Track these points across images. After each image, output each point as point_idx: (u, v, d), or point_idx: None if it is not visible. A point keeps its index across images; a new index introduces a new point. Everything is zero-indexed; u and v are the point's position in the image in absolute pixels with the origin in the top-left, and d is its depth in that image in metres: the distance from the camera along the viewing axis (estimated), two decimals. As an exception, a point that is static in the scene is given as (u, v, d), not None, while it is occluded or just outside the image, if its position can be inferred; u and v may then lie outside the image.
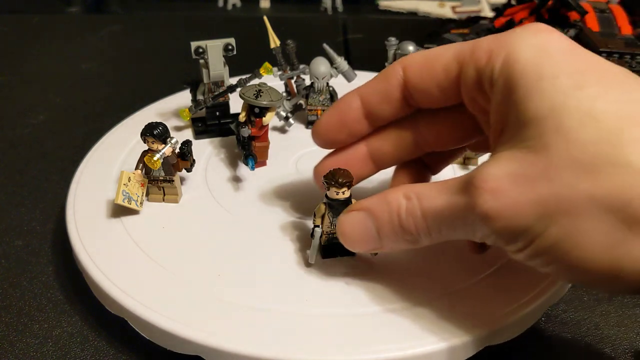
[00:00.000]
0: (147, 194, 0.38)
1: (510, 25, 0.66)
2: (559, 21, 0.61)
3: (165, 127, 0.37)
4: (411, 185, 0.26)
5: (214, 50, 0.43)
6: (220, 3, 0.97)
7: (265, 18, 0.46)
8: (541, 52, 0.23)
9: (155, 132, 0.36)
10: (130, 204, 0.36)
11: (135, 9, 0.97)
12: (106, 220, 0.37)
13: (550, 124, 0.21)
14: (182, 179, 0.40)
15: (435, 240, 0.26)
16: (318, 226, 0.31)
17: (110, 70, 0.72)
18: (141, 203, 0.37)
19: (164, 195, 0.39)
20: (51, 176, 0.48)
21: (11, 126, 0.57)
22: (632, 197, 0.20)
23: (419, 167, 0.34)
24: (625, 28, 0.60)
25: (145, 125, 0.37)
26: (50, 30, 0.85)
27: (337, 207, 0.30)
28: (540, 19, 0.65)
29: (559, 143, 0.21)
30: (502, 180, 0.22)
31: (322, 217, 0.31)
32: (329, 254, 0.33)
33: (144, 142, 0.37)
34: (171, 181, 0.38)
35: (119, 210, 0.37)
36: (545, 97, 0.22)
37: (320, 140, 0.33)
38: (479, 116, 0.28)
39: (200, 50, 0.44)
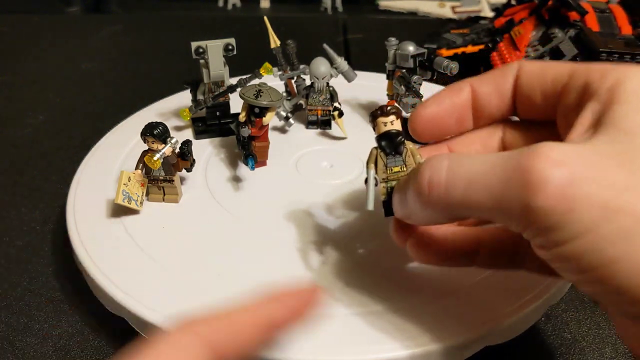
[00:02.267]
0: (147, 194, 0.38)
1: (510, 25, 0.66)
2: (559, 21, 0.61)
3: (165, 127, 0.37)
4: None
5: (214, 50, 0.43)
6: (220, 3, 0.97)
7: (265, 18, 0.46)
8: None
9: (155, 132, 0.36)
10: (130, 203, 0.36)
11: (135, 9, 0.97)
12: (106, 220, 0.37)
13: None
14: (182, 179, 0.40)
15: (449, 210, 0.23)
16: (371, 168, 0.27)
17: (110, 70, 0.72)
18: (141, 203, 0.37)
19: (164, 195, 0.39)
20: (51, 176, 0.48)
21: (11, 126, 0.57)
22: None
23: None
24: (625, 28, 0.60)
25: (145, 125, 0.37)
26: (50, 30, 0.85)
27: (390, 144, 0.27)
28: (540, 19, 0.65)
29: None
30: (574, 159, 0.19)
31: (375, 163, 0.27)
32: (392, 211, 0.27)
33: (144, 142, 0.37)
34: (171, 181, 0.38)
35: (119, 210, 0.37)
36: None
37: (424, 126, 0.29)
38: (562, 127, 0.26)
39: (201, 50, 0.44)
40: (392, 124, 0.27)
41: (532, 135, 0.28)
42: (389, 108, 0.27)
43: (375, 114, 0.27)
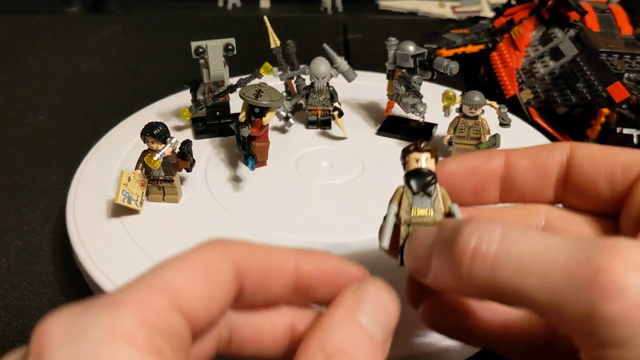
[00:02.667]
0: (147, 194, 0.38)
1: (510, 25, 0.66)
2: (559, 21, 0.61)
3: (165, 127, 0.37)
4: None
5: (214, 50, 0.43)
6: (220, 3, 0.97)
7: (265, 18, 0.46)
8: None
9: (155, 132, 0.36)
10: (130, 203, 0.36)
11: (135, 9, 0.97)
12: (106, 220, 0.37)
13: None
14: (182, 179, 0.40)
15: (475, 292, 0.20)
16: (394, 205, 0.24)
17: (110, 70, 0.72)
18: (141, 203, 0.37)
19: (164, 195, 0.39)
20: (51, 176, 0.48)
21: (11, 126, 0.57)
22: None
23: None
24: (625, 28, 0.60)
25: (145, 125, 0.37)
26: (50, 30, 0.85)
27: (419, 182, 0.23)
28: (540, 18, 0.65)
29: None
30: None
31: (400, 201, 0.24)
32: None
33: (144, 142, 0.37)
34: (171, 181, 0.38)
35: (119, 210, 0.37)
36: None
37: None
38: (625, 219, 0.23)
39: (200, 50, 0.44)
40: (426, 161, 0.24)
41: (587, 228, 0.24)
42: (423, 145, 0.24)
43: (408, 149, 0.24)
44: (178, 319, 0.17)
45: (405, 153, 0.24)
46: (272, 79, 0.46)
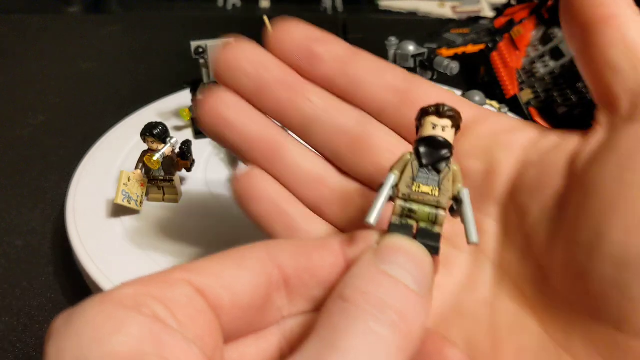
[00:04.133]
0: (147, 194, 0.38)
1: (510, 25, 0.66)
2: (559, 21, 0.61)
3: (165, 127, 0.37)
4: None
5: (214, 50, 0.43)
6: (220, 3, 0.97)
7: (265, 18, 0.46)
8: None
9: (155, 132, 0.36)
10: (130, 203, 0.36)
11: (135, 9, 0.97)
12: (106, 220, 0.37)
13: None
14: (182, 179, 0.40)
15: None
16: (393, 173, 0.20)
17: (110, 70, 0.72)
18: (141, 203, 0.37)
19: (164, 195, 0.38)
20: (51, 176, 0.48)
21: (11, 126, 0.57)
22: None
23: None
24: (626, 28, 0.60)
25: (145, 125, 0.37)
26: (50, 30, 0.85)
27: (430, 153, 0.19)
28: (540, 18, 0.65)
29: None
30: None
31: (403, 170, 0.20)
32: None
33: (144, 142, 0.37)
34: (171, 181, 0.38)
35: (119, 210, 0.37)
36: None
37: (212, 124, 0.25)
38: None
39: (200, 50, 0.44)
40: (444, 130, 0.20)
41: None
42: (447, 109, 0.20)
43: (427, 110, 0.20)
44: (194, 296, 0.15)
45: (423, 114, 0.20)
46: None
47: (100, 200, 0.38)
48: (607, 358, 0.18)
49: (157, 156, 0.36)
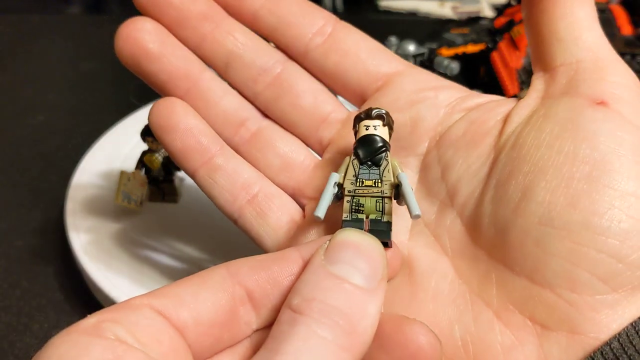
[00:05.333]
0: (147, 194, 0.38)
1: (510, 25, 0.66)
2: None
3: (165, 127, 0.37)
4: None
5: None
6: (220, 3, 0.97)
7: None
8: None
9: (155, 132, 0.36)
10: (130, 204, 0.36)
11: (135, 9, 0.97)
12: (106, 220, 0.37)
13: None
14: (182, 179, 0.40)
15: None
16: (336, 172, 0.22)
17: (110, 70, 0.72)
18: (141, 203, 0.37)
19: (164, 195, 0.38)
20: (51, 176, 0.48)
21: (11, 126, 0.57)
22: None
23: None
24: (625, 28, 0.60)
25: (145, 126, 0.37)
26: (50, 30, 0.85)
27: (367, 150, 0.21)
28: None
29: None
30: None
31: (345, 172, 0.22)
32: None
33: (144, 142, 0.37)
34: (171, 181, 0.38)
35: (119, 210, 0.37)
36: None
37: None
38: None
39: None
40: (376, 129, 0.22)
41: None
42: (375, 111, 0.22)
43: (359, 116, 0.22)
44: (155, 317, 0.16)
45: (356, 121, 0.22)
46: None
47: (100, 200, 0.38)
48: (519, 305, 0.19)
49: (157, 156, 0.36)
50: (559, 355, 0.18)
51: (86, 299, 0.34)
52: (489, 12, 0.86)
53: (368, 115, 0.22)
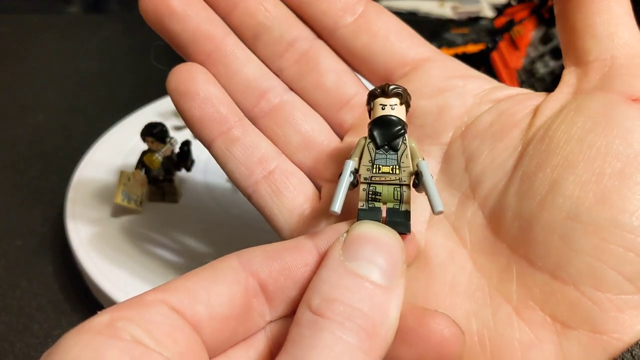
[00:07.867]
0: (147, 194, 0.38)
1: (510, 25, 0.66)
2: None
3: (165, 127, 0.37)
4: None
5: None
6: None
7: None
8: None
9: (154, 132, 0.36)
10: (130, 204, 0.36)
11: (135, 9, 0.97)
12: (106, 220, 0.37)
13: None
14: (182, 179, 0.40)
15: None
16: (351, 160, 0.20)
17: (110, 70, 0.72)
18: (141, 203, 0.37)
19: (164, 195, 0.38)
20: (51, 176, 0.48)
21: (11, 126, 0.57)
22: None
23: None
24: None
25: (145, 125, 0.37)
26: (50, 30, 0.85)
27: (384, 133, 0.20)
28: (540, 18, 0.65)
29: None
30: None
31: (361, 156, 0.20)
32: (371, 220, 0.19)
33: (144, 142, 0.37)
34: (171, 181, 0.38)
35: (119, 210, 0.37)
36: None
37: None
38: None
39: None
40: (393, 109, 0.20)
41: None
42: (392, 87, 0.20)
43: (373, 92, 0.20)
44: (170, 315, 0.15)
45: (371, 97, 0.20)
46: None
47: (100, 201, 0.38)
48: (540, 302, 0.18)
49: (157, 156, 0.36)
50: (578, 355, 0.17)
51: (86, 299, 0.34)
52: (489, 12, 0.86)
53: (384, 92, 0.20)
